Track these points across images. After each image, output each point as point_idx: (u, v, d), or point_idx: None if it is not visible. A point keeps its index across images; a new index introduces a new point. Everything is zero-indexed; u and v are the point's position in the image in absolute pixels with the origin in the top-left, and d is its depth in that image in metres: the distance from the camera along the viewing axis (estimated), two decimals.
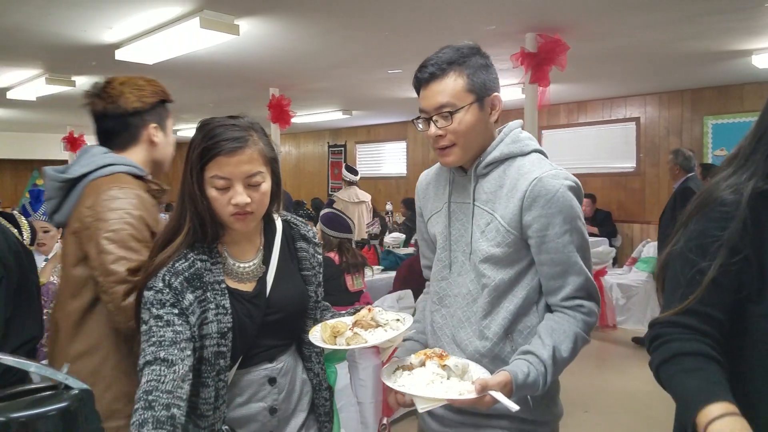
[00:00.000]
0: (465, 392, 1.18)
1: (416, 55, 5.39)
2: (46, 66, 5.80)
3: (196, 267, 1.32)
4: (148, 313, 1.28)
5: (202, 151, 1.29)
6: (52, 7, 3.88)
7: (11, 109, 8.73)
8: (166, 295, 1.27)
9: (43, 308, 2.15)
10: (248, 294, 1.40)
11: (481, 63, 1.41)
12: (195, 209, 1.32)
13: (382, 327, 1.35)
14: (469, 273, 1.47)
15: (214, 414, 1.34)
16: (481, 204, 1.46)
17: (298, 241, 1.54)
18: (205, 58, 5.27)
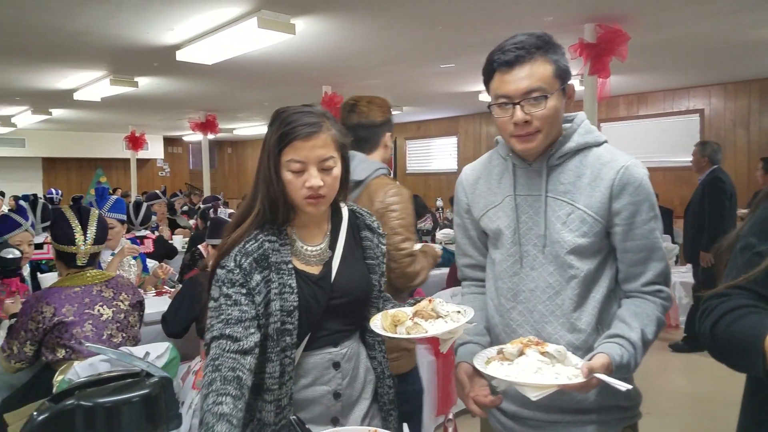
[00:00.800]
0: (572, 377, 1.17)
1: (469, 49, 5.41)
2: (110, 68, 6.03)
3: (265, 248, 1.38)
4: (219, 290, 1.36)
5: (279, 136, 1.35)
6: (118, 11, 4.03)
7: (77, 110, 9.13)
8: (236, 275, 1.35)
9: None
10: (314, 276, 1.44)
11: (562, 51, 1.40)
12: (267, 192, 1.38)
13: (443, 318, 1.35)
14: (546, 266, 1.43)
15: (279, 389, 1.38)
16: (557, 195, 1.41)
17: (363, 231, 1.57)
18: (261, 57, 5.37)
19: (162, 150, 14.78)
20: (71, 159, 13.68)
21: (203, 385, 1.24)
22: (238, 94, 7.94)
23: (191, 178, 15.79)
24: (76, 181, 13.94)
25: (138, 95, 7.37)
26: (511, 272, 1.49)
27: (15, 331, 2.39)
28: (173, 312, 2.91)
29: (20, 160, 12.92)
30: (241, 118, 10.92)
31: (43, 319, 2.35)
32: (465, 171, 1.63)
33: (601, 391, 1.35)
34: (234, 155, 16.83)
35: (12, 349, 2.37)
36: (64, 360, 2.38)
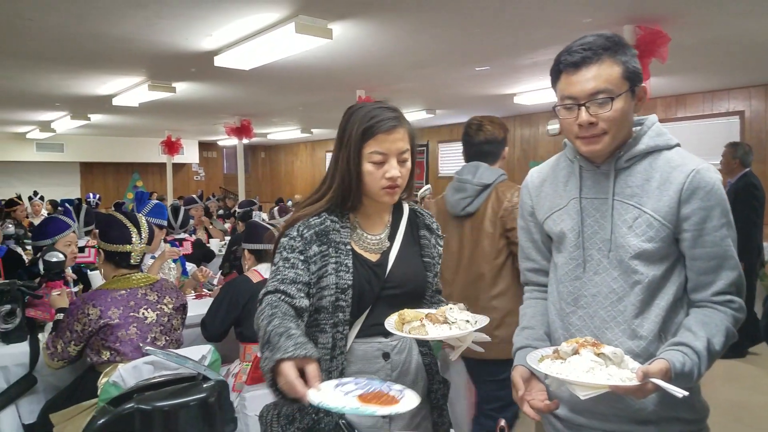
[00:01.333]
0: (626, 380, 1.15)
1: (505, 51, 5.36)
2: (148, 73, 6.15)
3: (326, 225, 1.49)
4: (279, 255, 1.47)
5: (363, 129, 1.45)
6: (158, 18, 4.10)
7: (115, 115, 9.33)
8: (296, 242, 1.47)
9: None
10: (371, 262, 1.52)
11: (632, 52, 1.36)
12: (343, 182, 1.48)
13: (449, 325, 1.39)
14: (610, 271, 1.40)
15: (330, 362, 1.45)
16: (624, 198, 1.38)
17: (422, 230, 1.64)
18: (296, 62, 5.40)
19: (197, 154, 15.02)
20: (108, 163, 14.00)
21: (262, 321, 1.28)
22: (273, 99, 8.01)
23: (225, 182, 16.01)
24: (113, 186, 14.25)
25: (175, 100, 7.50)
26: (573, 276, 1.47)
27: (61, 330, 2.44)
28: (212, 316, 2.94)
29: (59, 165, 13.26)
30: (275, 122, 11.02)
31: (89, 321, 2.39)
32: (531, 173, 1.63)
33: (661, 401, 1.32)
34: (267, 160, 17.01)
35: (56, 347, 2.43)
36: (109, 362, 2.42)
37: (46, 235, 3.48)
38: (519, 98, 7.47)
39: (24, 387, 2.62)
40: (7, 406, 2.57)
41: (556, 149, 6.86)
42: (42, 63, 5.49)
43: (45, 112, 8.98)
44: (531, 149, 9.72)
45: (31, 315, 2.84)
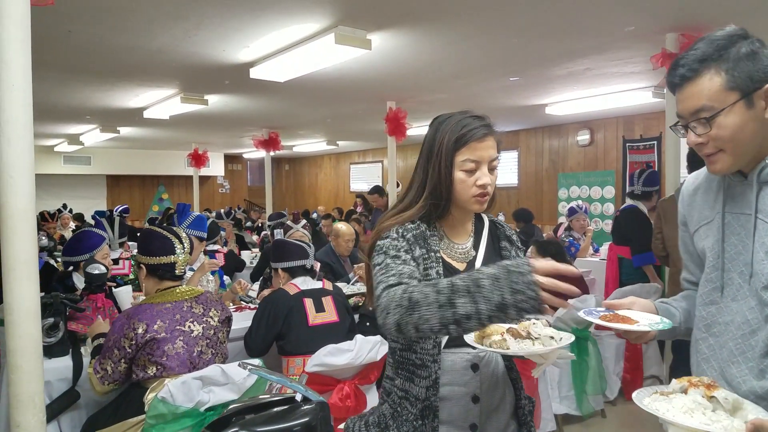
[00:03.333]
0: (733, 430, 1.03)
1: (542, 61, 5.28)
2: (182, 86, 6.16)
3: (422, 230, 1.48)
4: (384, 255, 1.40)
5: (456, 138, 1.45)
6: (197, 29, 4.09)
7: (144, 128, 9.41)
8: (401, 242, 1.43)
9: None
10: (458, 270, 1.51)
11: (744, 52, 1.21)
12: (434, 191, 1.48)
13: (532, 340, 1.34)
14: (748, 299, 1.24)
15: (432, 365, 1.43)
16: (765, 217, 1.23)
17: (503, 241, 1.63)
18: (329, 74, 5.38)
19: (222, 167, 15.11)
20: (134, 176, 14.13)
21: (408, 299, 1.20)
22: (302, 111, 8.01)
23: (250, 194, 16.08)
24: (139, 198, 14.37)
25: (206, 113, 7.52)
26: (709, 300, 1.34)
27: (107, 350, 2.37)
28: (252, 334, 2.91)
29: (86, 178, 13.42)
30: (302, 135, 11.03)
31: (135, 336, 2.33)
32: (687, 180, 1.51)
33: None
34: (291, 172, 17.06)
35: (106, 369, 2.36)
36: (155, 377, 2.36)
37: (80, 250, 3.43)
38: (550, 109, 7.37)
39: (67, 402, 2.56)
40: (50, 421, 2.51)
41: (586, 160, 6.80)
42: (78, 76, 5.52)
43: (75, 125, 9.08)
44: (560, 160, 9.59)
45: (72, 328, 2.80)
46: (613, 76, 5.77)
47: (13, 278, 1.82)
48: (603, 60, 5.13)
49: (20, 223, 1.82)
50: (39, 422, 1.87)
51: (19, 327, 1.84)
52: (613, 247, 4.87)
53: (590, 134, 9.01)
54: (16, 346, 1.84)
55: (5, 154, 1.81)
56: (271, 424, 0.98)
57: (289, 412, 1.01)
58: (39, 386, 1.88)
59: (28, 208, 1.83)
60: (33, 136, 1.87)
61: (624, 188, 8.64)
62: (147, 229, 2.61)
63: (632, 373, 4.20)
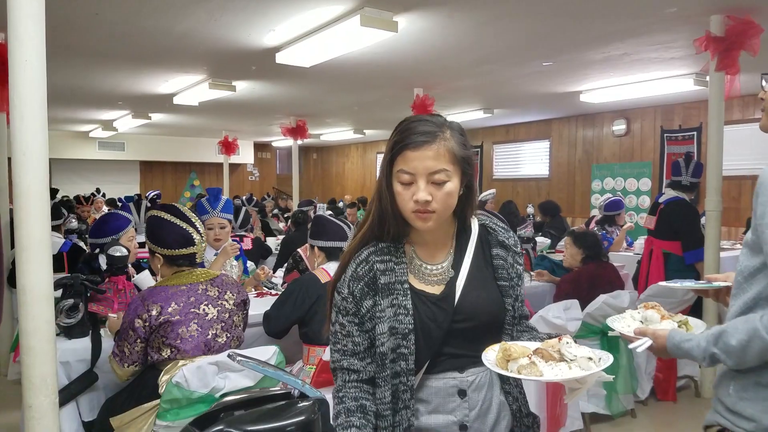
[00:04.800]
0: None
1: (580, 45, 5.08)
2: (209, 71, 6.15)
3: (374, 270, 1.35)
4: (335, 316, 1.39)
5: (393, 144, 1.32)
6: (222, 11, 4.04)
7: (174, 114, 9.47)
8: (348, 303, 1.35)
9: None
10: (434, 297, 1.36)
11: None
12: (379, 204, 1.36)
13: (567, 363, 1.19)
14: None
15: (393, 416, 1.32)
16: None
17: (495, 248, 1.44)
18: (356, 60, 5.29)
19: (252, 155, 15.19)
20: (167, 162, 14.30)
21: (332, 419, 1.30)
22: (329, 99, 7.95)
23: (278, 182, 16.15)
24: (171, 184, 14.54)
25: (234, 99, 7.52)
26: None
27: (123, 332, 2.35)
28: (276, 311, 2.82)
29: (120, 163, 13.62)
30: (329, 123, 10.98)
31: (149, 317, 2.30)
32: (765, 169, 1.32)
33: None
34: (319, 161, 17.07)
35: (123, 351, 2.33)
36: (169, 360, 2.33)
37: (105, 232, 3.44)
38: (585, 96, 7.15)
39: (85, 383, 2.56)
40: (68, 402, 2.51)
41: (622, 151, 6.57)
42: (107, 61, 5.55)
43: (108, 111, 9.19)
44: (594, 151, 9.33)
45: (93, 310, 2.78)
46: (652, 61, 5.54)
47: (26, 259, 1.79)
48: (642, 44, 4.92)
49: (33, 201, 1.79)
50: (51, 404, 1.85)
51: (31, 308, 1.81)
52: (655, 241, 4.60)
53: (626, 124, 8.74)
54: (29, 328, 1.82)
55: (18, 131, 1.78)
56: (262, 422, 0.90)
57: (284, 409, 0.93)
58: (51, 368, 1.86)
59: (40, 187, 1.80)
60: (47, 113, 1.83)
61: (661, 180, 8.38)
62: (157, 218, 2.47)
63: (665, 373, 4.04)
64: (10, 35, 1.79)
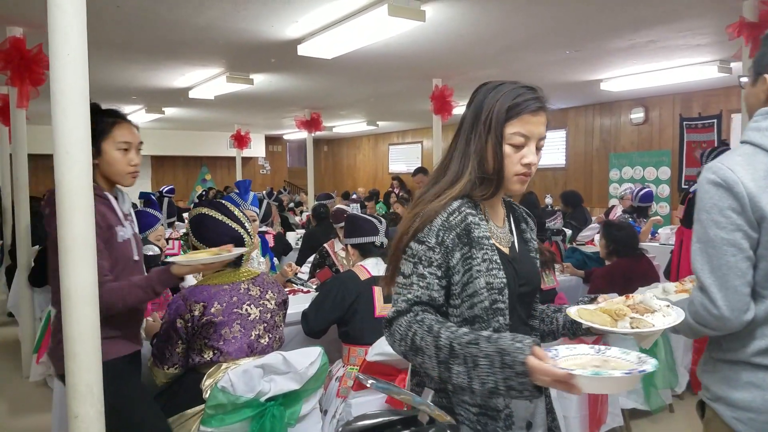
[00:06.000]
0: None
1: (605, 31, 4.94)
2: (227, 64, 6.07)
3: (467, 222, 1.30)
4: (412, 266, 1.28)
5: (509, 107, 1.29)
6: (246, 3, 3.95)
7: (188, 109, 9.40)
8: (435, 253, 1.28)
9: None
10: (508, 256, 1.39)
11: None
12: (480, 164, 1.33)
13: (659, 312, 1.29)
14: None
15: None
16: None
17: (522, 223, 1.52)
18: (377, 51, 5.20)
19: (263, 148, 15.12)
20: (178, 157, 14.24)
21: (421, 344, 1.18)
22: (346, 90, 7.85)
23: (289, 175, 16.08)
24: (183, 179, 14.50)
25: (250, 93, 7.44)
26: None
27: (164, 333, 2.27)
28: (315, 310, 2.75)
29: None
30: (343, 115, 10.89)
31: (192, 318, 2.23)
32: (733, 169, 1.32)
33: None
34: (330, 153, 16.98)
35: (164, 353, 2.26)
36: (212, 362, 2.26)
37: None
38: (606, 84, 7.02)
39: None
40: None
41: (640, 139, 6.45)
42: (125, 53, 5.47)
43: (121, 105, 9.11)
44: (612, 140, 9.20)
45: None
46: (678, 48, 5.42)
47: (70, 259, 1.71)
48: (670, 31, 4.80)
49: (77, 200, 1.71)
50: (98, 413, 1.78)
51: (75, 312, 1.73)
52: (685, 231, 4.50)
53: (645, 112, 8.61)
54: (73, 333, 1.74)
55: (60, 126, 1.70)
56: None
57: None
58: (98, 375, 1.78)
59: (84, 185, 1.72)
60: (89, 108, 1.75)
61: (680, 168, 8.25)
62: (207, 216, 2.37)
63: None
64: (50, 28, 1.72)
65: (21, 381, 4.40)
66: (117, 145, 2.05)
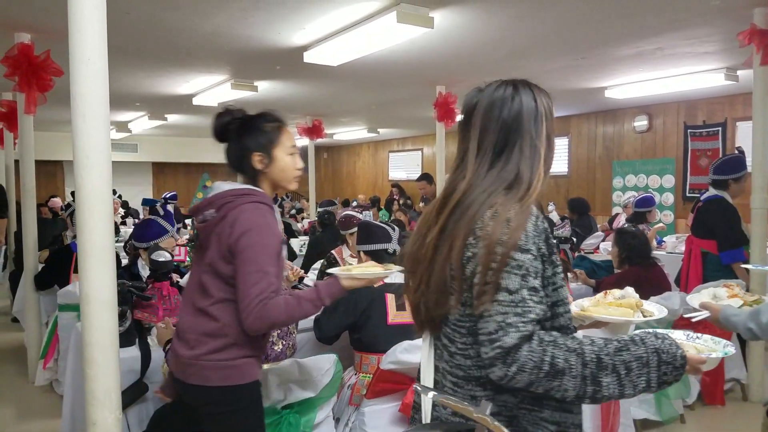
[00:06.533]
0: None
1: (612, 38, 4.92)
2: (232, 72, 6.06)
3: (545, 227, 1.26)
4: (521, 279, 1.15)
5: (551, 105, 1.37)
6: (255, 9, 3.95)
7: (191, 115, 9.39)
8: (538, 263, 1.19)
9: None
10: None
11: None
12: (545, 164, 1.34)
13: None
14: None
15: None
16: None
17: None
18: (383, 57, 5.19)
19: None
20: (179, 164, 14.23)
21: (566, 365, 1.12)
22: (349, 97, 7.85)
23: None
24: (184, 185, 14.48)
25: (254, 100, 7.42)
26: None
27: None
28: (327, 315, 2.72)
29: (132, 165, 13.56)
30: (344, 122, 10.89)
31: None
32: None
33: None
34: (329, 160, 16.98)
35: None
36: None
37: (143, 238, 3.39)
38: (610, 92, 7.03)
39: (135, 394, 2.47)
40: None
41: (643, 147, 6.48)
42: (131, 60, 5.46)
43: (124, 112, 9.10)
44: (615, 147, 9.20)
45: (138, 317, 2.70)
46: (685, 56, 5.43)
47: (90, 265, 1.70)
48: (677, 38, 4.81)
49: (97, 205, 1.70)
50: (116, 420, 1.76)
51: (95, 318, 1.72)
52: (694, 240, 4.49)
53: (648, 119, 8.61)
54: (92, 339, 1.73)
55: (80, 131, 1.69)
56: None
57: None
58: (116, 382, 1.77)
59: (104, 190, 1.72)
60: (109, 112, 1.74)
61: (685, 176, 8.25)
62: None
63: (712, 376, 3.91)
64: (71, 32, 1.71)
65: (27, 386, 4.37)
66: (287, 150, 1.99)
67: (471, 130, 1.33)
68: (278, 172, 1.97)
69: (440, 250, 1.24)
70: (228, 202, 1.82)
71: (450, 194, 1.30)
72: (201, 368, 1.75)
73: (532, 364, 1.09)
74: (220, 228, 1.78)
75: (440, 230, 1.26)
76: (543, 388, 1.11)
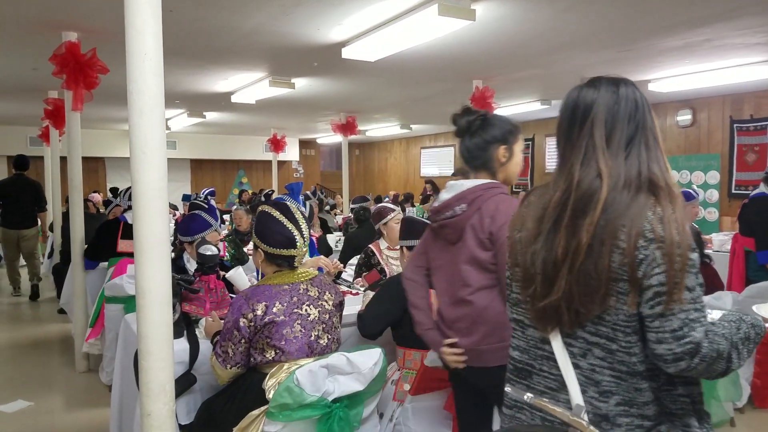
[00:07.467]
0: None
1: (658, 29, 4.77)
2: (270, 69, 6.11)
3: None
4: (694, 277, 1.20)
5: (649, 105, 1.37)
6: (294, 6, 3.96)
7: (229, 113, 9.51)
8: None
9: None
10: None
11: None
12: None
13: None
14: None
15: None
16: None
17: None
18: (420, 52, 5.16)
19: (297, 152, 15.24)
20: (216, 160, 14.45)
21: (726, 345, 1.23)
22: (384, 93, 7.84)
23: (322, 179, 16.16)
24: (221, 182, 14.70)
25: (290, 97, 7.49)
26: None
27: (227, 332, 2.27)
28: (371, 311, 2.72)
29: (171, 161, 13.67)
30: (377, 118, 10.89)
31: (255, 317, 2.22)
32: None
33: None
34: (361, 157, 17.02)
35: (227, 351, 2.26)
36: (273, 362, 2.25)
37: (189, 232, 3.44)
38: (654, 85, 6.84)
39: (183, 386, 2.50)
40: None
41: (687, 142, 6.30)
42: (172, 58, 5.55)
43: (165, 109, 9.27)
44: None
45: (186, 310, 2.74)
46: (734, 47, 5.25)
47: (146, 260, 1.73)
48: (728, 29, 4.65)
49: (153, 201, 1.73)
50: (169, 411, 1.79)
51: (151, 311, 1.75)
52: (739, 238, 4.37)
53: (692, 114, 8.38)
54: (148, 332, 1.76)
55: (137, 127, 1.72)
56: None
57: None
58: (170, 374, 1.80)
59: (160, 185, 1.74)
60: (164, 108, 1.76)
61: (731, 173, 8.01)
62: (267, 214, 2.38)
63: (763, 378, 3.79)
64: (127, 28, 1.73)
65: (74, 375, 4.50)
66: (521, 147, 2.15)
67: (594, 128, 1.32)
68: (514, 165, 2.10)
69: (594, 252, 1.23)
70: (478, 196, 1.99)
71: (590, 195, 1.26)
72: (480, 353, 1.95)
73: (710, 353, 1.19)
74: (475, 219, 1.97)
75: (592, 233, 1.23)
76: (702, 372, 1.22)
